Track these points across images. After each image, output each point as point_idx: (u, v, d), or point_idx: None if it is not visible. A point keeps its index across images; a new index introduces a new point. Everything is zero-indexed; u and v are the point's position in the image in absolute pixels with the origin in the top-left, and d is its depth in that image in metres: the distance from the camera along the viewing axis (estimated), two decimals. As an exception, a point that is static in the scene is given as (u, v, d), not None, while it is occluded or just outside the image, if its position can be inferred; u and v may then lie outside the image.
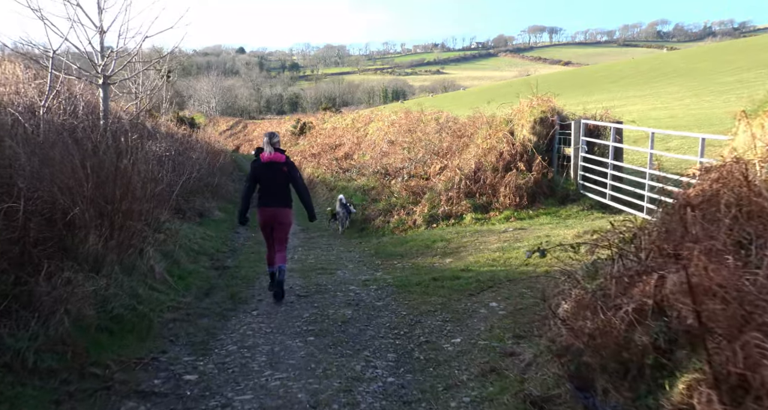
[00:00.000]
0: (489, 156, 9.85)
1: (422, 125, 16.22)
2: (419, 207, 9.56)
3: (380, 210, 10.23)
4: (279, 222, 5.96)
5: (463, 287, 5.61)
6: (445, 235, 8.03)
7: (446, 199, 9.43)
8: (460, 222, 8.92)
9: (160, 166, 8.93)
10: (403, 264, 7.13)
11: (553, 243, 6.85)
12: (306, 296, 5.77)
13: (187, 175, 11.17)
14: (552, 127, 9.59)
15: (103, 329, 4.21)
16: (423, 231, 8.89)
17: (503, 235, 7.57)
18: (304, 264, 7.45)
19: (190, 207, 10.86)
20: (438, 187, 9.96)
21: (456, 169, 10.06)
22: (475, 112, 12.58)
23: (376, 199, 11.30)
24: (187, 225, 9.43)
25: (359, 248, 8.65)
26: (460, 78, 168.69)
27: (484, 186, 9.41)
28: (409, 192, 10.33)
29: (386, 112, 22.91)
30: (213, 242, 9.07)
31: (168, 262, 6.52)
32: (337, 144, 22.07)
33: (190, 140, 14.97)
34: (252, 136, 44.52)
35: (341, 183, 14.64)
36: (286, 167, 5.90)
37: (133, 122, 10.97)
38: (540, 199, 9.03)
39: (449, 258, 6.99)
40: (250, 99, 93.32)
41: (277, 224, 5.95)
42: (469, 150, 11.01)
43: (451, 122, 14.62)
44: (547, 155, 9.52)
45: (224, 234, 10.16)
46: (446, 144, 12.35)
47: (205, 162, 13.86)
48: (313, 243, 9.42)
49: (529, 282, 5.54)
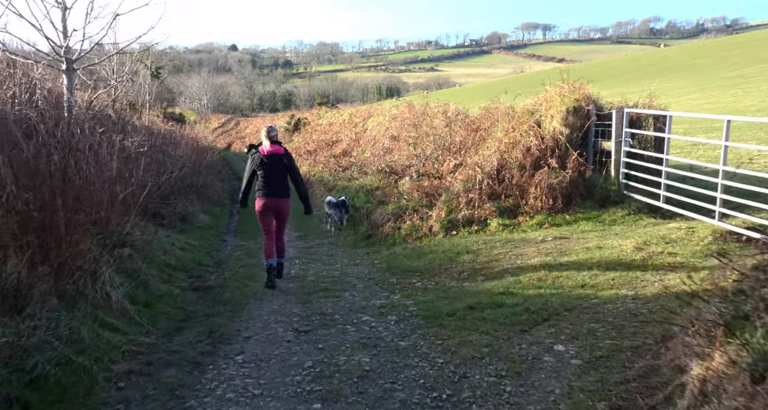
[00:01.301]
0: (513, 151, 8.57)
1: (428, 119, 14.91)
2: (435, 211, 8.25)
3: (389, 214, 8.91)
4: (278, 212, 6.22)
5: (510, 319, 4.32)
6: (471, 246, 6.74)
7: (466, 201, 8.13)
8: (484, 228, 7.63)
9: (130, 163, 7.58)
10: (425, 283, 5.83)
11: (610, 259, 5.59)
12: (307, 332, 4.46)
13: (167, 174, 9.83)
14: (587, 117, 8.31)
15: (11, 402, 2.89)
16: (441, 239, 7.59)
17: (542, 246, 6.28)
18: (303, 283, 6.13)
19: (171, 211, 9.52)
20: (455, 188, 8.67)
21: (475, 166, 8.77)
22: (491, 104, 11.28)
23: (383, 200, 9.99)
24: (165, 233, 8.10)
25: (367, 260, 7.34)
26: (455, 75, 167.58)
27: (510, 186, 8.12)
28: (422, 193, 9.02)
29: (386, 106, 21.59)
30: (195, 253, 7.74)
31: (132, 285, 5.19)
32: (334, 140, 20.75)
33: (174, 136, 13.59)
34: (244, 133, 43.05)
35: (341, 182, 13.32)
36: (286, 159, 6.18)
37: (104, 113, 9.61)
38: (576, 201, 7.75)
39: (482, 276, 5.70)
40: (242, 96, 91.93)
41: (276, 214, 6.22)
42: (487, 145, 9.72)
43: (461, 115, 13.34)
44: (581, 150, 8.24)
45: (209, 243, 8.83)
46: (459, 138, 11.06)
47: (189, 159, 12.51)
48: (313, 253, 8.10)
49: (594, 313, 4.26)
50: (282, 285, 6.01)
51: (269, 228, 6.20)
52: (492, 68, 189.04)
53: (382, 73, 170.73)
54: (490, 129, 10.36)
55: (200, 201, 11.57)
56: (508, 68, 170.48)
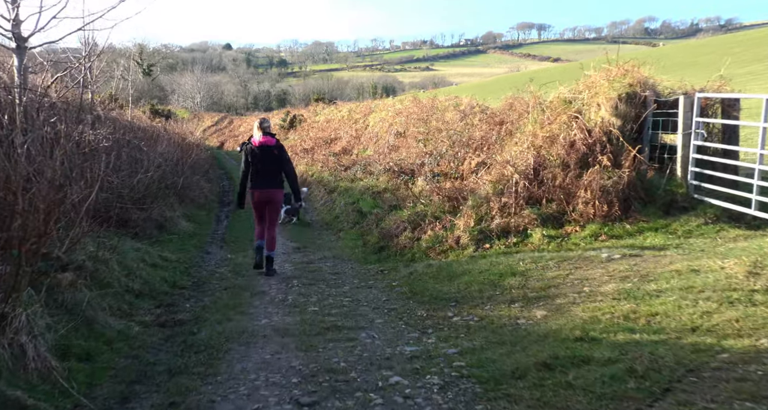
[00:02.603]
0: (553, 147, 7.19)
1: (438, 113, 13.52)
2: (462, 218, 6.84)
3: (405, 221, 7.49)
4: (271, 202, 6.42)
5: (613, 389, 2.91)
6: (515, 265, 5.34)
7: (499, 207, 6.73)
8: (524, 241, 6.23)
9: (87, 159, 6.15)
10: (465, 318, 4.42)
11: (718, 288, 4.20)
12: (312, 405, 3.04)
13: (142, 173, 8.39)
14: (644, 105, 6.93)
15: None
16: (472, 254, 6.19)
17: (612, 267, 4.88)
18: (303, 316, 4.70)
19: (145, 217, 8.08)
20: (483, 191, 7.27)
21: (506, 165, 7.38)
22: (516, 93, 9.89)
23: (396, 205, 8.57)
24: (135, 245, 6.67)
25: (383, 281, 5.93)
26: (450, 74, 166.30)
27: (552, 188, 6.73)
28: (443, 196, 7.61)
29: (389, 101, 20.20)
30: (169, 271, 6.30)
31: (70, 326, 3.77)
32: (332, 138, 19.33)
33: (156, 131, 12.10)
34: (238, 131, 41.49)
35: (343, 183, 11.90)
36: (277, 150, 6.33)
37: (67, 101, 8.15)
38: (635, 206, 6.37)
39: (541, 310, 4.30)
40: (237, 95, 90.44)
41: (269, 203, 6.41)
42: (516, 140, 8.34)
43: (477, 108, 11.96)
44: (635, 144, 6.86)
45: (189, 257, 7.39)
46: (480, 133, 9.66)
47: (172, 157, 11.05)
48: (314, 271, 6.66)
49: (737, 379, 2.86)
50: (276, 321, 4.59)
51: (262, 218, 6.49)
52: (487, 68, 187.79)
53: (377, 72, 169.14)
54: (518, 122, 8.98)
55: (183, 204, 10.11)
56: (504, 68, 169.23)
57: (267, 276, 6.25)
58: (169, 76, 76.16)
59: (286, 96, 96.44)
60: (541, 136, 7.45)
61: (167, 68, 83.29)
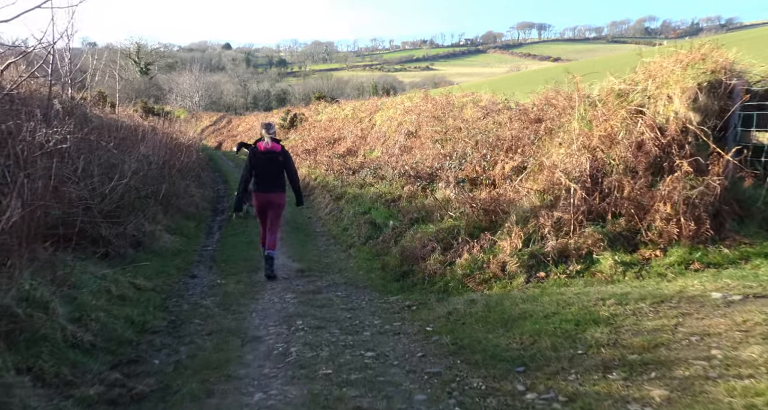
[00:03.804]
0: (614, 148, 5.86)
1: (455, 110, 12.19)
2: (504, 237, 5.49)
3: (432, 239, 6.15)
4: (275, 205, 6.66)
5: None
6: (592, 306, 4.00)
7: (552, 223, 5.40)
8: (589, 268, 4.90)
9: (26, 163, 4.84)
10: (543, 395, 3.08)
11: None
12: None
13: (116, 181, 7.06)
14: (729, 97, 5.61)
15: None
16: (523, 285, 4.85)
17: (739, 317, 3.53)
18: (312, 388, 3.34)
19: (119, 233, 6.76)
20: (527, 202, 5.95)
21: (554, 170, 6.05)
22: (553, 87, 8.56)
23: (418, 218, 7.22)
24: (99, 270, 5.34)
25: (413, 323, 4.57)
26: (450, 74, 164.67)
27: (620, 201, 5.39)
28: (477, 208, 6.26)
29: (398, 99, 18.88)
30: (140, 306, 4.97)
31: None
32: (336, 138, 18.00)
33: (141, 130, 10.74)
34: (236, 131, 40.16)
35: (351, 189, 10.56)
36: (282, 157, 6.56)
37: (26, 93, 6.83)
38: (729, 224, 5.04)
39: (657, 387, 2.96)
40: (236, 95, 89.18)
41: (272, 206, 6.66)
42: (560, 140, 7.03)
43: (501, 104, 10.63)
44: (719, 145, 5.54)
45: (170, 283, 6.05)
46: (511, 132, 8.33)
47: (157, 159, 9.71)
48: (323, 306, 5.28)
49: None
50: (275, 396, 3.24)
51: (265, 222, 6.72)
52: (488, 67, 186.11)
53: (377, 71, 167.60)
54: (559, 119, 7.66)
55: (168, 215, 8.77)
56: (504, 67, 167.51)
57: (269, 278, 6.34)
58: (167, 76, 75.07)
59: (286, 95, 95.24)
60: (597, 135, 6.12)
61: (166, 68, 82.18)
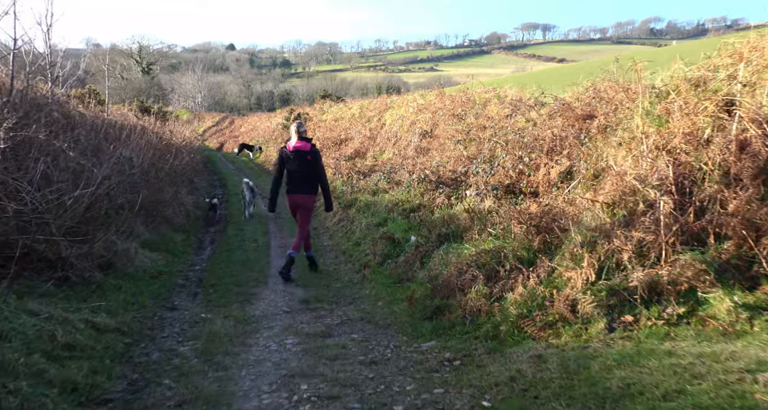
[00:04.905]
0: (706, 150, 4.61)
1: (476, 107, 10.95)
2: (572, 267, 4.24)
3: (470, 264, 4.87)
4: (302, 207, 6.54)
5: None
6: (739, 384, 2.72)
7: (633, 247, 4.14)
8: (696, 311, 3.63)
9: None
10: None
11: None
12: None
13: (81, 189, 5.83)
14: None
15: None
16: (605, 334, 3.59)
17: None
18: None
19: (83, 253, 5.53)
20: (591, 218, 4.69)
21: (624, 176, 4.79)
22: (601, 79, 7.31)
23: (447, 234, 5.94)
24: (43, 307, 4.11)
25: (460, 389, 3.30)
26: (455, 75, 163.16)
27: (723, 218, 4.13)
28: (527, 225, 5.00)
29: (409, 97, 17.66)
30: (91, 357, 3.72)
31: None
32: (342, 138, 16.79)
33: (123, 129, 9.49)
34: (238, 132, 39.04)
35: (362, 196, 9.29)
36: (311, 156, 6.40)
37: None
38: None
39: None
40: (240, 95, 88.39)
41: (300, 208, 6.54)
42: (618, 139, 5.79)
43: (532, 100, 9.38)
44: None
45: (141, 318, 4.80)
46: (552, 131, 7.08)
47: (142, 162, 8.47)
48: (335, 358, 3.92)
49: None
50: None
51: None
52: (492, 68, 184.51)
53: (381, 72, 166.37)
54: (614, 114, 6.40)
55: (151, 227, 7.54)
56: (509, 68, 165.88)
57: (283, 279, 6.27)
58: (169, 76, 74.29)
59: (290, 96, 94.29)
60: (680, 132, 4.86)
61: (169, 68, 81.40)
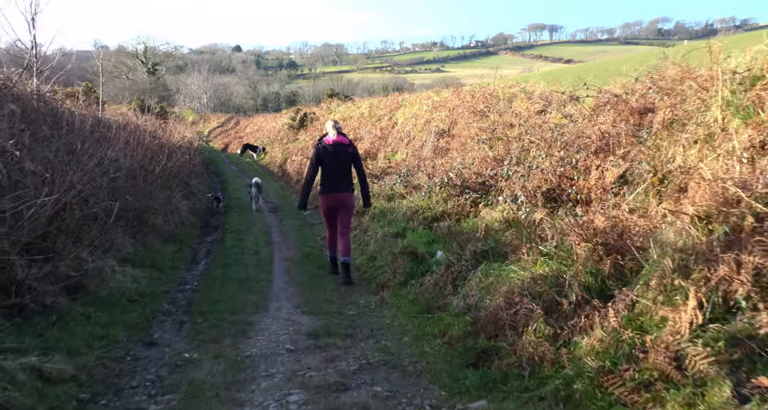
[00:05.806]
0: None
1: (500, 104, 9.92)
2: (666, 305, 3.22)
3: (523, 294, 3.84)
4: (344, 205, 6.13)
5: None
6: None
7: (749, 276, 3.12)
8: None
9: None
10: None
11: None
12: None
13: (45, 196, 4.86)
14: None
15: None
16: (730, 405, 2.59)
17: None
18: None
19: (44, 274, 4.56)
20: (676, 235, 3.68)
21: (720, 182, 3.78)
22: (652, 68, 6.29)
23: (486, 250, 4.92)
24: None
25: None
26: (461, 76, 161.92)
27: None
28: (592, 243, 3.98)
29: (423, 94, 16.67)
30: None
31: None
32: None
33: (110, 126, 8.52)
34: (244, 133, 38.25)
35: (377, 202, 8.29)
36: (351, 148, 6.19)
37: None
38: None
39: None
40: (246, 97, 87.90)
41: (342, 207, 6.12)
42: (687, 136, 4.77)
43: (566, 95, 8.35)
44: None
45: (108, 360, 3.82)
46: (599, 127, 6.05)
47: (130, 164, 7.51)
48: None
49: None
50: None
51: (333, 225, 6.20)
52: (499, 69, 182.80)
53: (387, 73, 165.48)
54: (681, 107, 5.38)
55: (137, 238, 6.57)
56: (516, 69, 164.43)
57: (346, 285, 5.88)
58: (175, 76, 73.91)
59: (296, 97, 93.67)
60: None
61: (175, 69, 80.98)
